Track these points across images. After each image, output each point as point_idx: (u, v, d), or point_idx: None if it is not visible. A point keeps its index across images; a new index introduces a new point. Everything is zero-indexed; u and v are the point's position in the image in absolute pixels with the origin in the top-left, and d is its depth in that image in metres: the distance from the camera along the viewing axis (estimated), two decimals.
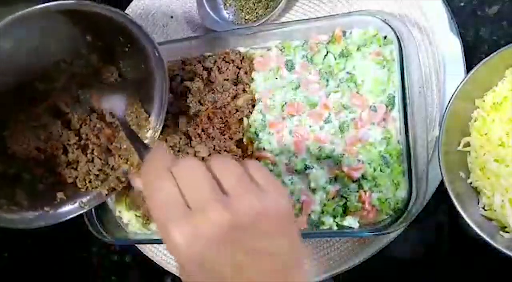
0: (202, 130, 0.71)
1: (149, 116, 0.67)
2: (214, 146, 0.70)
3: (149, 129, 0.67)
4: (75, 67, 0.65)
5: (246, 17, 0.78)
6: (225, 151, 0.70)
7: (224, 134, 0.71)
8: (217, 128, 0.71)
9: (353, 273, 0.66)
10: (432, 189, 0.62)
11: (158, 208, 0.41)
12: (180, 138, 0.72)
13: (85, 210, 0.66)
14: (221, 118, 0.72)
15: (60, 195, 0.65)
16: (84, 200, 0.66)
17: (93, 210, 0.72)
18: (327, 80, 0.67)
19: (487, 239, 0.53)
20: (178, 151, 0.71)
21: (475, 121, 0.59)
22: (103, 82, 0.66)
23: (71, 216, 0.66)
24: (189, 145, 0.71)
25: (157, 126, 0.67)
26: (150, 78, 0.63)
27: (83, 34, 0.62)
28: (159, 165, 0.43)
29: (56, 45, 0.62)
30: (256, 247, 0.40)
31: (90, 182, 0.66)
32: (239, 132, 0.71)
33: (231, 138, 0.70)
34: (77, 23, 0.60)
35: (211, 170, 0.42)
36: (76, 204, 0.66)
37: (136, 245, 0.77)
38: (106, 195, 0.67)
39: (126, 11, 0.86)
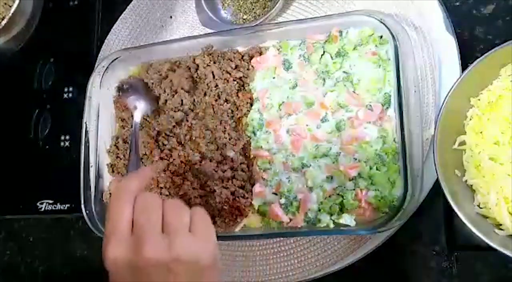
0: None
1: None
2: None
3: None
4: None
5: (244, 17, 0.78)
6: None
7: None
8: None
9: (350, 271, 0.66)
10: (427, 187, 0.62)
11: (110, 221, 0.50)
12: (185, 135, 0.73)
13: None
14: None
15: None
16: None
17: (93, 208, 0.73)
18: (324, 80, 0.68)
19: (483, 237, 0.53)
20: (182, 144, 0.73)
21: (470, 120, 0.59)
22: None
23: None
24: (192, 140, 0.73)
25: None
26: None
27: None
28: (130, 187, 0.51)
29: None
30: None
31: None
32: (237, 131, 0.71)
33: None
34: None
35: (164, 209, 0.50)
36: None
37: None
38: None
39: (126, 10, 0.87)
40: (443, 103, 0.58)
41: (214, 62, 0.73)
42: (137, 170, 0.64)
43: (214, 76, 0.72)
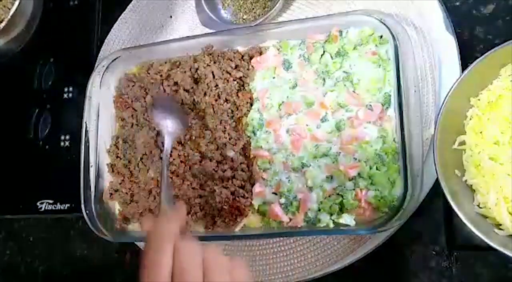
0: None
1: None
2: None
3: None
4: None
5: (244, 17, 0.78)
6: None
7: None
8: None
9: (349, 271, 0.66)
10: (427, 186, 0.62)
11: (149, 269, 0.48)
12: (185, 135, 0.72)
13: None
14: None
15: None
16: None
17: (93, 208, 0.73)
18: (324, 80, 0.68)
19: (482, 236, 0.53)
20: (182, 144, 0.72)
21: (470, 119, 0.59)
22: None
23: None
24: (192, 140, 0.72)
25: None
26: None
27: None
28: (168, 232, 0.50)
29: None
30: None
31: None
32: (237, 131, 0.71)
33: None
34: None
35: (205, 261, 0.48)
36: None
37: (135, 242, 0.78)
38: None
39: (126, 10, 0.87)
40: (443, 103, 0.58)
41: (214, 62, 0.73)
42: (172, 209, 0.58)
43: (214, 76, 0.72)
